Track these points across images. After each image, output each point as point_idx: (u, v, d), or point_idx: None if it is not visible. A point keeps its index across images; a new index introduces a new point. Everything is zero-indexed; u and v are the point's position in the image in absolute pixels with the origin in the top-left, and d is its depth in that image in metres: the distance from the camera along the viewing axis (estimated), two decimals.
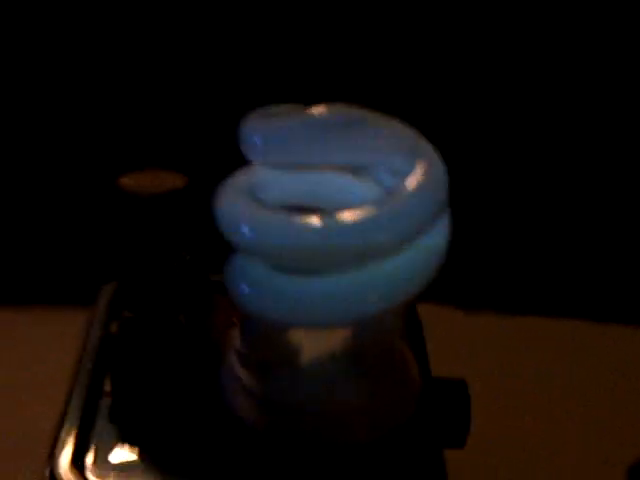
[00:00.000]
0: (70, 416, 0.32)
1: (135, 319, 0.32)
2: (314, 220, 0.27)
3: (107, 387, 0.33)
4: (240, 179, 0.29)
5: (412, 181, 0.27)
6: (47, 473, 0.30)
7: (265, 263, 0.28)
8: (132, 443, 0.31)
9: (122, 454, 0.30)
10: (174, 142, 0.55)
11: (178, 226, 0.33)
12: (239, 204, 0.28)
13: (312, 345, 0.31)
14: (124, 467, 0.30)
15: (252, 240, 0.28)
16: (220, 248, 0.29)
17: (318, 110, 0.29)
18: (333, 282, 0.28)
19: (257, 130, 0.29)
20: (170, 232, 0.32)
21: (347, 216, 0.27)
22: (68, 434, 0.31)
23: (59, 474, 0.30)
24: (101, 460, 0.30)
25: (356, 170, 0.30)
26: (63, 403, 0.33)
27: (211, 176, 0.30)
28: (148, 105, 0.57)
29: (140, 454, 0.30)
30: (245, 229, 0.28)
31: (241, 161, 0.30)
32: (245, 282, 0.28)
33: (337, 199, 0.30)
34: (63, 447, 0.31)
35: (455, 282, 0.61)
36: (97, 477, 0.30)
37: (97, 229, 0.35)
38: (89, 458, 0.30)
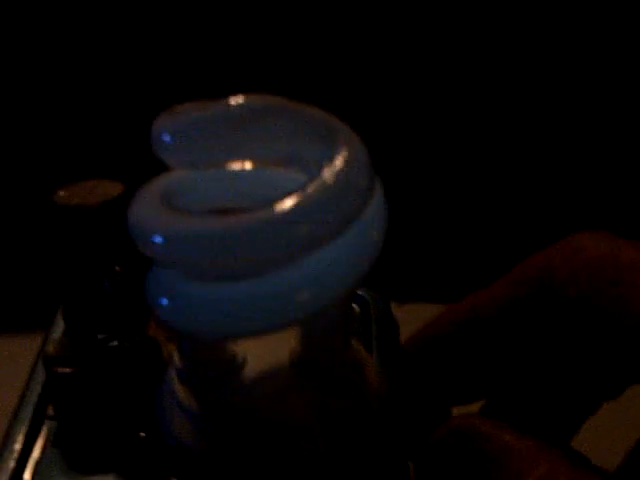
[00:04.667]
0: (12, 439, 0.30)
1: (70, 340, 0.30)
2: (229, 221, 0.25)
3: (51, 411, 0.31)
4: (154, 186, 0.27)
5: (332, 167, 0.25)
6: None
7: (184, 273, 0.26)
8: (73, 467, 0.29)
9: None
10: (116, 148, 0.54)
11: (111, 237, 0.31)
12: (149, 213, 0.26)
13: (255, 358, 0.28)
14: None
15: (165, 250, 0.25)
16: None
17: (229, 102, 0.27)
18: (261, 285, 0.25)
19: (165, 127, 0.27)
20: (102, 244, 0.31)
21: (264, 212, 0.24)
22: (8, 457, 0.30)
23: None
24: None
25: (283, 162, 0.28)
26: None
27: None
28: (95, 110, 0.55)
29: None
30: (157, 239, 0.25)
31: None
32: (164, 295, 0.26)
33: (264, 195, 0.28)
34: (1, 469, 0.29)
35: (449, 281, 0.59)
36: None
37: (43, 246, 0.34)
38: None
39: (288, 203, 0.24)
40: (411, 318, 0.34)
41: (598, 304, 0.27)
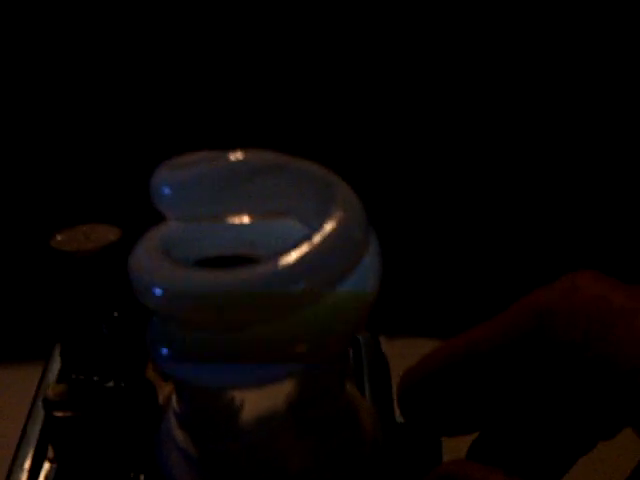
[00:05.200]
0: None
1: (68, 383, 0.31)
2: (229, 276, 0.25)
3: (51, 453, 0.32)
4: (153, 237, 0.28)
5: (330, 224, 0.25)
6: None
7: (183, 323, 0.27)
8: None
9: None
10: (114, 192, 0.54)
11: (108, 282, 0.31)
12: (150, 266, 0.26)
13: (252, 402, 0.29)
14: None
15: (166, 304, 0.26)
16: None
17: (229, 157, 0.27)
18: (260, 336, 0.26)
19: (166, 181, 0.27)
20: (100, 288, 0.31)
21: (264, 268, 0.25)
22: None
23: None
24: None
25: (281, 214, 0.28)
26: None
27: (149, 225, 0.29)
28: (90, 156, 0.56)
29: None
30: (157, 293, 0.26)
31: None
32: (164, 344, 0.27)
33: (263, 244, 0.28)
34: None
35: (433, 314, 0.60)
36: None
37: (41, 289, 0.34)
38: None
39: (287, 259, 0.25)
40: (400, 352, 0.35)
41: (596, 347, 0.28)
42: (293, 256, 0.25)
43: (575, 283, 0.29)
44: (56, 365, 0.35)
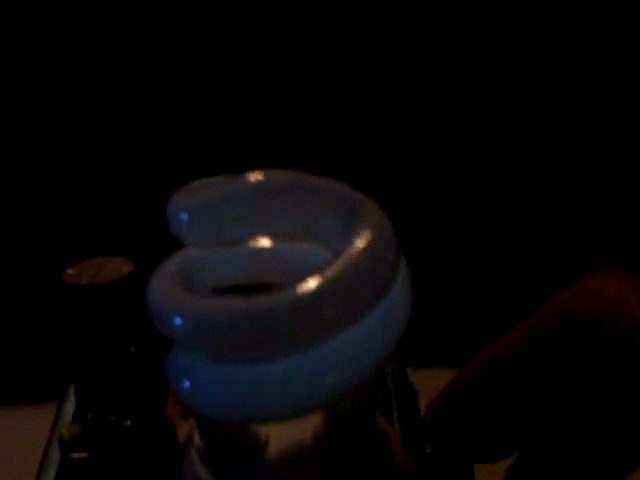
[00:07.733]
0: None
1: (84, 423, 0.30)
2: (251, 303, 0.24)
3: None
4: (170, 266, 0.26)
5: (356, 244, 0.24)
6: None
7: (206, 354, 0.25)
8: None
9: None
10: (125, 226, 0.54)
11: (124, 315, 0.30)
12: (168, 294, 0.25)
13: (278, 436, 0.28)
14: None
15: (186, 333, 0.25)
16: None
17: (248, 178, 0.26)
18: (285, 368, 0.25)
19: (183, 206, 0.26)
20: (115, 323, 0.30)
21: (288, 293, 0.24)
22: None
23: None
24: None
25: (304, 237, 0.27)
26: None
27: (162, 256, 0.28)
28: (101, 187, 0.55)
29: None
30: (177, 322, 0.25)
31: None
32: (185, 377, 0.25)
33: (286, 271, 0.27)
34: None
35: (453, 344, 0.59)
36: None
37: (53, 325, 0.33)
38: None
39: (312, 284, 0.23)
40: (428, 383, 0.33)
41: (622, 354, 0.27)
42: (316, 281, 0.23)
43: (599, 283, 0.28)
44: (70, 405, 0.33)
